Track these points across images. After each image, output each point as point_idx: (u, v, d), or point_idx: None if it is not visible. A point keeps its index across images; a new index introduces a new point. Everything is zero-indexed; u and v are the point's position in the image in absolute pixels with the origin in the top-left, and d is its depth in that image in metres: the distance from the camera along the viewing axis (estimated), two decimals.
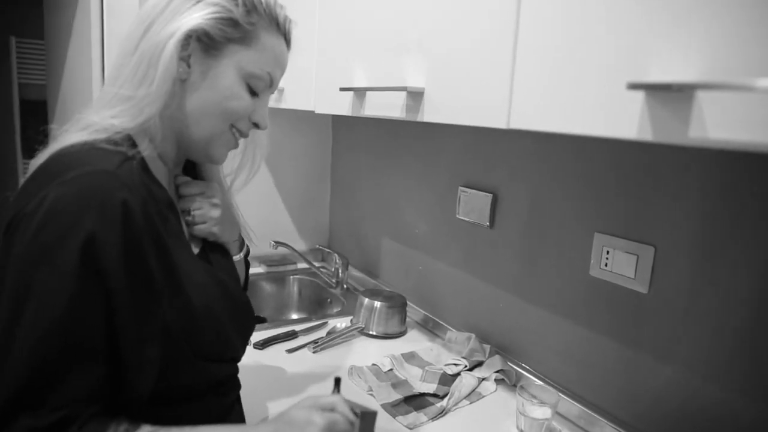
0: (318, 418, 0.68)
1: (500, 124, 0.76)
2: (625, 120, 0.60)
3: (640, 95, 0.58)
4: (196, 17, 0.70)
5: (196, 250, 0.82)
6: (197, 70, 0.72)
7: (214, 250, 0.86)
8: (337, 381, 0.80)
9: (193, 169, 0.89)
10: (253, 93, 0.76)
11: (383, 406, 1.14)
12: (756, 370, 0.85)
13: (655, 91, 0.56)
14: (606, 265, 1.07)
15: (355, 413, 0.72)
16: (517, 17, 0.73)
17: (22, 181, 0.67)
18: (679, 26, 0.54)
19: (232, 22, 0.72)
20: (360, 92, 1.08)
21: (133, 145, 0.69)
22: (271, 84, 0.78)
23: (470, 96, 0.82)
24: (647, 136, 0.58)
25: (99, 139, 0.67)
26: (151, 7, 0.71)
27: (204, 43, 0.71)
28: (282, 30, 0.78)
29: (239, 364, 0.90)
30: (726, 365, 0.89)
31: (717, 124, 0.51)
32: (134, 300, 0.63)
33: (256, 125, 0.79)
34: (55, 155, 0.66)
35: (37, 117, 4.33)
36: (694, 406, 0.94)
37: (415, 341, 1.50)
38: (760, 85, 0.45)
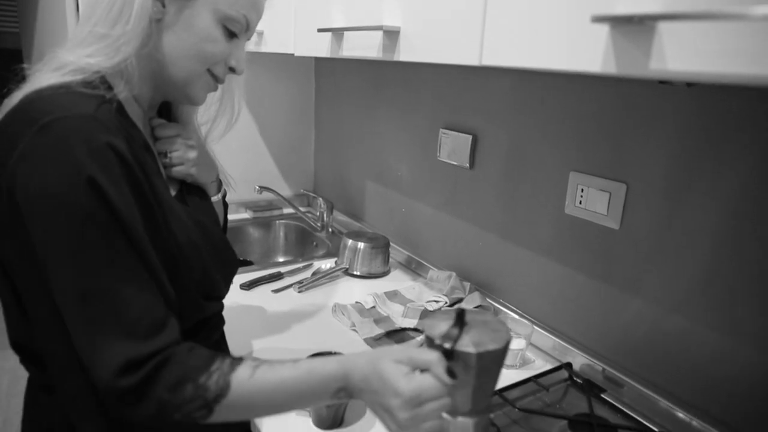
0: (404, 387, 0.62)
1: (473, 61, 0.77)
2: (590, 54, 0.61)
3: (605, 29, 0.59)
4: None
5: (173, 192, 0.83)
6: (171, 10, 0.71)
7: (191, 192, 0.87)
8: (460, 315, 0.68)
9: (167, 112, 0.89)
10: (230, 35, 0.75)
11: (366, 340, 1.19)
12: (718, 301, 0.89)
13: (618, 24, 0.57)
14: (580, 203, 1.10)
15: (461, 363, 0.63)
16: None
17: None
18: None
19: None
20: (338, 33, 1.08)
21: (109, 87, 0.68)
22: (248, 28, 0.77)
23: (444, 34, 0.83)
24: (611, 69, 0.59)
25: (75, 80, 0.66)
26: None
27: None
28: None
29: (224, 303, 0.93)
30: (690, 297, 0.93)
31: (675, 56, 0.53)
32: (146, 229, 0.66)
33: (232, 70, 0.79)
34: (32, 97, 0.65)
35: (13, 66, 4.21)
36: (659, 336, 0.99)
37: (398, 280, 1.54)
38: (717, 11, 0.46)
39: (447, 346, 0.63)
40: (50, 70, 0.68)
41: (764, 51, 0.46)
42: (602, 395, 1.03)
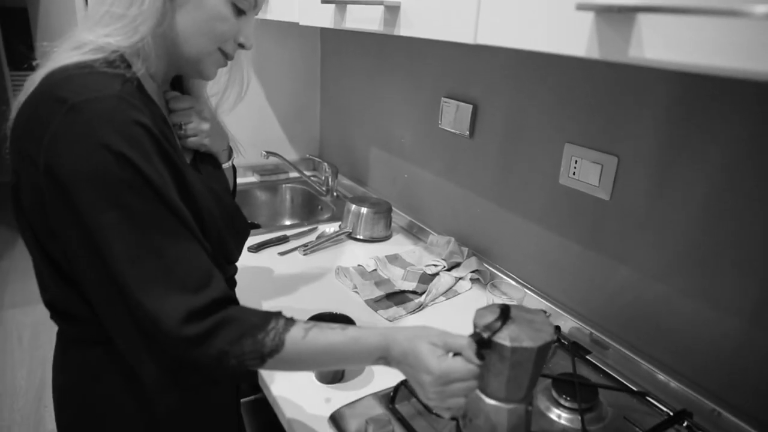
0: (435, 366, 0.69)
1: (468, 39, 0.81)
2: (576, 38, 0.64)
3: (590, 16, 0.62)
4: None
5: (187, 162, 0.88)
6: None
7: (204, 160, 0.92)
8: (505, 310, 0.73)
9: (179, 85, 0.92)
10: (239, 12, 0.78)
11: (366, 302, 1.26)
12: (699, 271, 0.94)
13: (601, 12, 0.60)
14: (574, 173, 1.14)
15: (497, 354, 0.69)
16: None
17: (12, 93, 0.68)
18: None
19: None
20: (341, 5, 1.10)
21: (128, 65, 0.71)
22: (255, 4, 0.80)
23: (443, 12, 0.85)
24: (594, 54, 0.63)
25: (97, 59, 0.69)
26: None
27: None
28: None
29: (237, 269, 0.99)
30: (673, 267, 0.98)
31: (651, 45, 0.56)
32: (178, 195, 0.72)
33: (241, 45, 0.82)
34: (58, 76, 0.67)
35: (19, 25, 4.21)
36: (643, 302, 1.04)
37: (399, 244, 1.60)
38: (691, 5, 0.50)
39: (485, 335, 0.69)
40: (70, 49, 0.70)
41: (732, 44, 0.49)
42: (587, 357, 1.09)
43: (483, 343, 0.69)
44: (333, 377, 0.99)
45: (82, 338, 0.80)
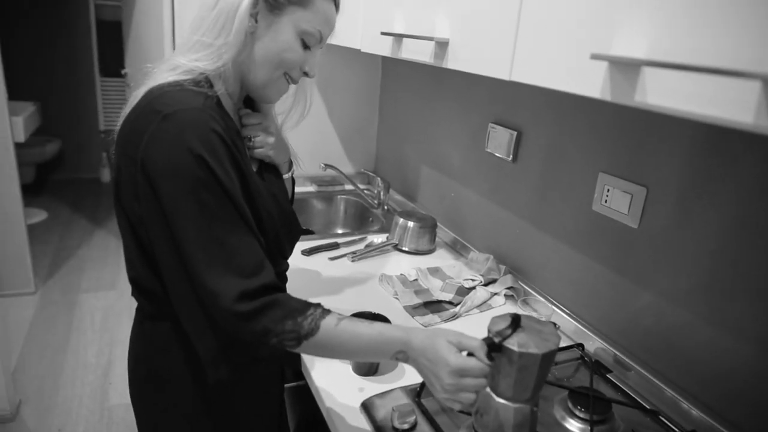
0: (453, 360, 0.77)
1: (504, 76, 0.91)
2: (592, 82, 0.74)
3: (604, 64, 0.71)
4: None
5: (254, 169, 1.02)
6: (263, 25, 0.87)
7: (268, 170, 1.05)
8: (516, 319, 0.81)
9: (252, 103, 1.07)
10: (306, 47, 0.92)
11: (405, 308, 1.36)
12: (719, 299, 1.00)
13: (613, 61, 0.70)
14: (605, 201, 1.21)
15: (506, 357, 0.77)
16: None
17: (100, 97, 0.83)
18: (634, 11, 0.67)
19: None
20: (398, 38, 1.23)
21: (211, 85, 0.87)
22: (321, 40, 0.93)
23: (484, 50, 0.96)
24: (607, 96, 0.72)
25: (186, 79, 0.84)
26: None
27: (269, 4, 0.86)
28: None
29: (288, 264, 1.12)
30: (694, 294, 1.04)
31: (653, 93, 0.65)
32: (243, 195, 0.85)
33: (305, 74, 0.96)
34: (155, 92, 0.83)
35: (112, 36, 4.61)
36: (663, 326, 1.10)
37: (441, 258, 1.70)
38: (690, 64, 0.59)
39: (496, 340, 0.78)
40: (166, 70, 0.87)
41: (722, 98, 0.58)
42: (608, 375, 1.15)
43: (494, 347, 0.78)
44: (368, 370, 1.10)
45: (156, 314, 0.95)
